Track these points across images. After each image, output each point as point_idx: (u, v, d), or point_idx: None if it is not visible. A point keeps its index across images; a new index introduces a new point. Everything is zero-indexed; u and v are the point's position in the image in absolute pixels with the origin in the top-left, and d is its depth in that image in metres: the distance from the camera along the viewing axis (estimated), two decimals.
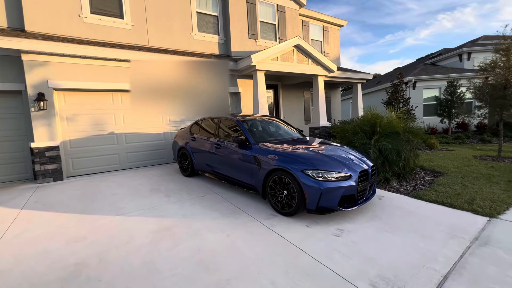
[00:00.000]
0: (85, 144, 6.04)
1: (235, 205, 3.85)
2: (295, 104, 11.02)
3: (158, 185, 4.97)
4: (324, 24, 11.87)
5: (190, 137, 5.41)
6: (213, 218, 3.40)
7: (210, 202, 4.00)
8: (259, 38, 9.14)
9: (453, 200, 3.86)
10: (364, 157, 3.83)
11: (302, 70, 8.36)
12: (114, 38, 6.76)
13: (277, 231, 3.00)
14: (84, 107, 6.00)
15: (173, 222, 3.29)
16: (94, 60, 5.89)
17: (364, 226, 3.12)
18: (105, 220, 3.42)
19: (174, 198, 4.22)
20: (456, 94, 10.81)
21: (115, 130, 6.39)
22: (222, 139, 4.60)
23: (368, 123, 5.30)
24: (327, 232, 2.98)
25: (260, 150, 3.81)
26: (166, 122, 7.15)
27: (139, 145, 6.73)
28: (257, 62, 7.21)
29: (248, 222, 3.28)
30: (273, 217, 3.42)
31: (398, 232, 2.95)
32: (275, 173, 3.46)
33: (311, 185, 3.08)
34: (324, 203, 3.09)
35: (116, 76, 6.20)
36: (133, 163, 6.66)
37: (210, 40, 8.36)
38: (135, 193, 4.52)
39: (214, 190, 4.59)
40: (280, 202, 3.44)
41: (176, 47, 7.71)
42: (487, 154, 7.32)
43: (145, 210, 3.73)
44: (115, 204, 4.00)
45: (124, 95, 6.48)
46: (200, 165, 5.14)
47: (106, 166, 6.32)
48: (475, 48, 13.81)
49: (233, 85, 8.10)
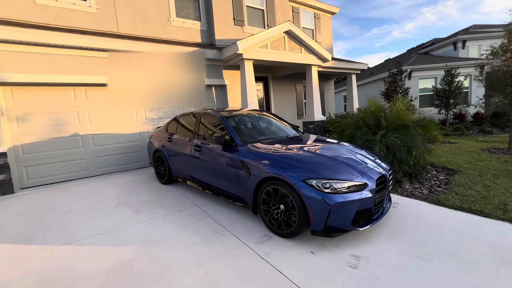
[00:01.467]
0: (43, 149, 5.08)
1: (219, 223, 3.07)
2: (286, 97, 10.25)
3: (128, 197, 4.13)
4: (315, 11, 11.08)
5: (167, 137, 4.57)
6: (190, 245, 2.62)
7: (189, 219, 3.20)
8: (246, 25, 8.27)
9: (482, 206, 3.22)
10: (377, 157, 3.11)
11: (294, 59, 7.58)
12: (76, 24, 5.76)
13: (273, 264, 2.25)
14: (39, 105, 5.03)
15: (136, 253, 2.49)
16: (48, 48, 4.90)
17: (384, 248, 2.41)
18: (45, 252, 2.58)
19: (144, 215, 3.40)
20: (454, 83, 10.32)
21: (79, 131, 5.45)
22: (203, 140, 3.79)
23: (372, 116, 4.60)
24: (340, 261, 2.25)
25: (249, 153, 3.03)
26: (142, 120, 6.25)
27: (110, 148, 5.82)
28: (244, 50, 6.37)
29: (236, 248, 2.52)
30: (268, 239, 2.66)
31: (430, 257, 2.26)
32: (269, 183, 2.70)
33: (317, 200, 2.33)
34: (333, 222, 2.36)
35: (80, 67, 5.24)
36: (103, 168, 5.75)
37: (190, 27, 7.43)
38: (97, 209, 3.67)
39: (195, 202, 3.79)
40: (276, 219, 2.69)
41: (151, 34, 6.76)
42: (494, 147, 6.81)
43: (103, 234, 2.91)
44: (66, 227, 3.14)
45: (90, 89, 5.54)
46: (178, 171, 4.32)
47: (71, 174, 5.39)
48: (470, 36, 13.36)
49: (217, 77, 7.24)
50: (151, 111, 6.37)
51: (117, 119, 5.87)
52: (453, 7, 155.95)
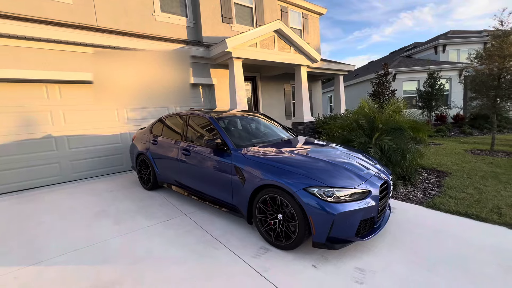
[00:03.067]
0: (9, 152, 4.57)
1: (210, 234, 2.82)
2: (275, 98, 10.11)
3: (107, 205, 3.76)
4: (303, 11, 11.01)
5: (152, 139, 4.23)
6: (179, 262, 2.35)
7: (176, 231, 2.92)
8: (234, 23, 8.02)
9: (477, 210, 3.19)
10: (377, 162, 3.00)
11: (283, 59, 7.43)
12: (49, 15, 5.25)
13: (273, 281, 2.04)
14: (4, 103, 4.51)
15: (116, 274, 2.19)
16: (16, 40, 4.41)
17: (389, 260, 2.28)
18: (7, 276, 2.21)
19: (126, 226, 3.07)
20: (436, 86, 10.64)
21: (52, 133, 4.97)
22: (191, 143, 3.52)
23: (365, 118, 4.52)
24: (345, 276, 2.08)
25: (243, 158, 2.80)
26: (124, 121, 5.83)
27: (88, 151, 5.36)
28: (233, 48, 6.13)
29: (230, 264, 2.28)
30: (265, 252, 2.45)
31: (438, 269, 2.14)
32: (266, 190, 2.49)
33: (319, 209, 2.15)
34: (337, 233, 2.19)
35: (52, 63, 4.77)
36: (80, 173, 5.29)
37: (176, 23, 7.07)
38: (72, 220, 3.30)
39: (183, 210, 3.51)
40: (274, 230, 2.49)
41: (134, 29, 6.35)
42: (477, 148, 7.02)
43: (79, 251, 2.57)
44: (35, 242, 2.77)
45: (65, 87, 5.06)
46: (164, 177, 4.00)
47: (42, 179, 4.90)
48: (450, 41, 13.91)
49: (205, 75, 6.93)
50: (134, 110, 5.96)
51: (95, 119, 5.42)
52: (429, 14, 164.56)
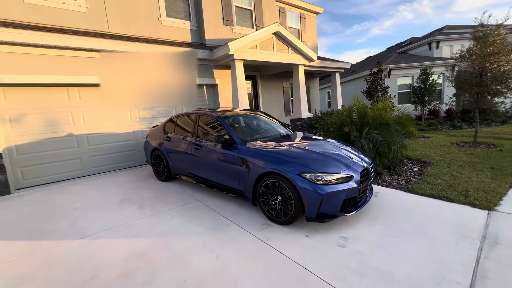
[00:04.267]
0: (37, 149, 5.11)
1: (222, 215, 3.37)
2: (274, 95, 10.61)
3: (129, 194, 4.32)
4: (301, 11, 11.44)
5: (165, 136, 4.77)
6: (197, 234, 2.91)
7: (193, 213, 3.48)
8: (235, 25, 8.48)
9: (448, 193, 3.74)
10: (360, 153, 3.53)
11: (282, 59, 7.92)
12: (66, 23, 5.74)
13: (274, 246, 2.59)
14: (32, 106, 5.03)
15: (149, 244, 2.74)
16: (41, 48, 4.91)
17: (367, 231, 2.83)
18: (62, 247, 2.77)
19: (149, 210, 3.63)
20: (429, 81, 11.13)
21: (74, 131, 5.50)
22: (202, 139, 4.05)
23: (357, 114, 5.04)
24: (331, 242, 2.64)
25: (248, 150, 3.34)
26: (135, 120, 6.35)
27: (105, 147, 5.90)
28: (235, 50, 6.62)
29: (240, 236, 2.84)
30: (267, 227, 3.01)
31: (404, 236, 2.70)
32: (267, 177, 3.03)
33: (310, 191, 2.70)
34: (325, 210, 2.74)
35: (73, 68, 5.28)
36: (98, 167, 5.84)
37: (181, 27, 7.55)
38: (101, 206, 3.85)
39: (196, 197, 4.06)
40: (274, 209, 3.04)
41: (143, 34, 6.83)
42: (462, 140, 7.55)
43: (114, 229, 3.12)
44: (76, 223, 3.32)
45: (83, 90, 5.58)
46: (177, 169, 4.55)
47: (66, 174, 5.45)
48: (443, 37, 14.33)
49: (208, 76, 7.43)
50: (145, 110, 6.48)
51: (111, 118, 5.95)
52: (428, 6, 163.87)
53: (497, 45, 5.81)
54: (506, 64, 5.76)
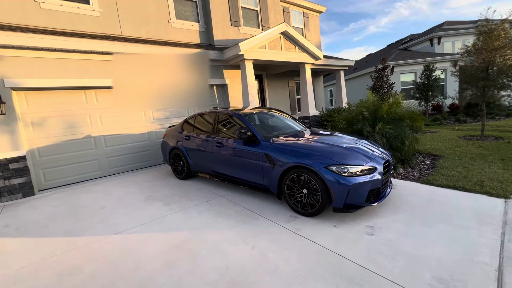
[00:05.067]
0: (58, 151, 5.23)
1: (248, 209, 3.50)
2: (280, 94, 10.73)
3: (152, 192, 4.44)
4: (304, 10, 11.56)
5: (183, 135, 4.89)
6: (228, 227, 3.03)
7: (219, 208, 3.60)
8: (242, 26, 8.60)
9: (463, 183, 3.86)
10: (379, 146, 3.66)
11: (290, 58, 8.04)
12: (80, 27, 5.87)
13: (305, 236, 2.72)
14: (52, 109, 5.16)
15: (184, 237, 2.87)
16: (59, 53, 5.03)
17: (392, 219, 2.96)
18: (100, 242, 2.89)
19: (176, 206, 3.75)
20: (432, 77, 11.26)
21: (91, 133, 5.62)
22: (223, 137, 4.18)
23: (369, 110, 5.17)
24: (358, 231, 2.76)
25: (271, 146, 3.46)
26: (150, 120, 6.47)
27: (121, 148, 6.02)
28: (245, 50, 6.74)
29: (270, 227, 2.96)
30: (294, 218, 3.13)
31: (428, 224, 2.82)
32: (293, 171, 3.16)
33: (338, 182, 2.82)
34: (351, 200, 2.86)
35: (89, 71, 5.40)
36: (115, 168, 5.96)
37: (190, 28, 7.67)
38: (128, 204, 3.97)
39: (218, 193, 4.18)
40: (300, 202, 3.16)
41: (153, 36, 6.95)
42: (469, 134, 7.68)
43: (146, 224, 3.24)
44: (107, 220, 3.44)
45: (100, 92, 5.70)
46: (197, 166, 4.67)
47: (85, 175, 5.57)
48: (445, 33, 14.47)
49: (219, 76, 7.55)
50: (158, 111, 6.60)
51: (126, 120, 6.07)
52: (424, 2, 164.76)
53: (503, 39, 5.94)
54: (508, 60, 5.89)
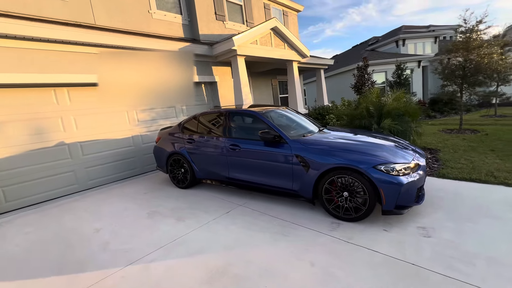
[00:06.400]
0: (22, 164, 4.22)
1: (279, 218, 3.11)
2: (264, 92, 10.45)
3: (154, 207, 3.78)
4: (283, 8, 11.44)
5: (185, 138, 4.30)
6: (269, 242, 2.62)
7: (245, 219, 3.15)
8: (227, 20, 8.11)
9: (476, 175, 3.95)
10: (408, 143, 3.56)
11: (279, 55, 7.79)
12: (47, 13, 4.84)
13: (361, 244, 2.44)
14: (12, 112, 4.14)
15: (222, 260, 2.38)
16: (19, 41, 4.06)
17: (435, 218, 2.83)
18: (114, 277, 2.26)
19: (193, 221, 3.20)
20: (403, 76, 12.01)
21: (65, 140, 4.68)
22: (240, 138, 3.72)
23: (375, 106, 5.14)
24: (412, 233, 2.57)
25: (303, 147, 3.13)
26: (134, 123, 5.66)
27: (102, 156, 5.14)
28: (238, 45, 6.30)
29: (317, 238, 2.63)
30: (337, 225, 2.84)
31: (473, 219, 2.74)
32: (333, 173, 2.86)
33: (388, 183, 2.60)
34: (402, 201, 2.67)
35: (58, 65, 4.47)
36: (96, 180, 5.06)
37: (172, 20, 6.95)
38: (130, 223, 3.30)
39: (234, 202, 3.71)
40: (341, 206, 2.88)
41: (132, 27, 6.12)
42: (447, 128, 8.25)
43: (166, 247, 2.67)
44: (111, 247, 2.77)
45: (73, 91, 4.78)
46: (205, 173, 4.13)
47: (59, 190, 4.61)
48: (408, 35, 15.65)
49: (207, 73, 6.98)
50: (143, 112, 5.81)
51: (106, 123, 5.20)
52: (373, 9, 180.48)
53: (480, 40, 6.44)
54: (487, 57, 6.42)
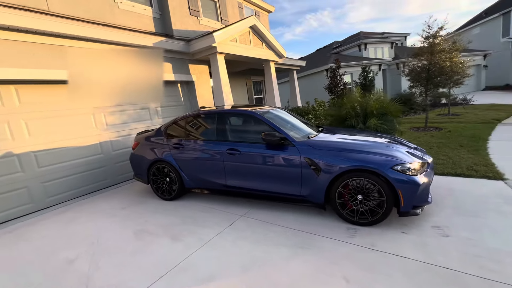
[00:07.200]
0: None
1: (292, 228, 2.85)
2: (240, 93, 10.14)
3: (139, 224, 3.22)
4: (255, 8, 11.28)
5: (172, 144, 3.79)
6: (289, 258, 2.34)
7: (253, 232, 2.82)
8: (202, 16, 7.62)
9: (460, 170, 4.16)
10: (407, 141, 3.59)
11: (258, 54, 7.57)
12: None
13: (387, 251, 2.31)
14: None
15: (242, 285, 2.03)
16: None
17: (444, 215, 2.85)
18: None
19: (193, 239, 2.76)
20: (369, 78, 12.75)
21: (14, 149, 3.80)
22: (238, 141, 3.36)
23: (361, 106, 5.20)
24: (431, 234, 2.52)
25: (312, 149, 2.92)
26: (102, 127, 4.89)
27: (64, 167, 4.32)
28: (219, 42, 5.90)
29: (339, 248, 2.42)
30: (354, 231, 2.69)
31: (479, 214, 2.79)
32: (347, 175, 2.70)
33: (406, 183, 2.52)
34: (418, 201, 2.61)
35: (4, 56, 3.61)
36: (57, 196, 4.23)
37: (141, 13, 6.26)
38: (113, 248, 2.72)
39: (234, 212, 3.35)
40: (356, 210, 2.74)
41: (94, 17, 5.31)
42: (414, 126, 8.86)
43: (169, 275, 2.21)
44: (94, 283, 2.21)
45: (22, 88, 3.91)
46: (196, 182, 3.68)
47: (8, 212, 3.71)
48: (369, 40, 16.79)
49: (184, 72, 6.42)
50: (113, 114, 5.06)
51: (69, 127, 4.39)
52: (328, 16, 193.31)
53: (443, 44, 7.04)
54: (448, 61, 7.04)
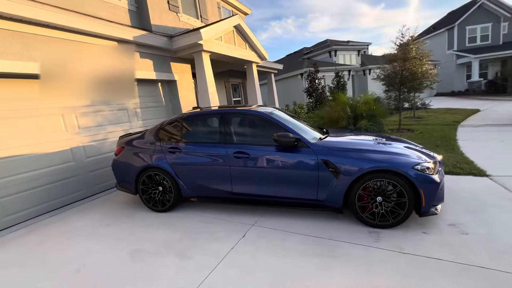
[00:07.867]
0: None
1: (312, 236, 2.65)
2: (219, 94, 9.75)
3: (132, 243, 2.75)
4: (233, 9, 11.06)
5: (167, 148, 3.35)
6: (321, 269, 2.14)
7: (270, 242, 2.57)
8: (181, 13, 7.16)
9: (448, 168, 4.38)
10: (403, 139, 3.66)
11: (241, 55, 7.34)
12: None
13: (418, 254, 2.24)
14: None
15: None
16: None
17: (453, 212, 2.90)
18: None
19: (205, 257, 2.41)
20: (341, 82, 13.30)
21: None
22: (245, 144, 3.08)
23: (351, 108, 5.28)
24: (451, 233, 2.53)
25: (329, 151, 2.78)
26: (74, 130, 4.20)
27: (26, 179, 3.58)
28: (205, 40, 5.55)
29: (370, 255, 2.29)
30: (377, 235, 2.59)
31: (484, 209, 2.90)
32: (368, 177, 2.61)
33: (427, 182, 2.51)
34: (438, 199, 2.62)
35: None
36: (19, 214, 3.47)
37: (116, 4, 5.63)
38: (107, 275, 2.24)
39: (243, 221, 3.05)
40: (377, 213, 2.65)
41: (61, 4, 4.62)
42: (388, 128, 9.33)
43: None
44: None
45: None
46: (195, 190, 3.29)
47: None
48: (339, 47, 17.66)
49: (165, 70, 5.92)
50: (85, 115, 4.38)
51: (32, 131, 3.67)
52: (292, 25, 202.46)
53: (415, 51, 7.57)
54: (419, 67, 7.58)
